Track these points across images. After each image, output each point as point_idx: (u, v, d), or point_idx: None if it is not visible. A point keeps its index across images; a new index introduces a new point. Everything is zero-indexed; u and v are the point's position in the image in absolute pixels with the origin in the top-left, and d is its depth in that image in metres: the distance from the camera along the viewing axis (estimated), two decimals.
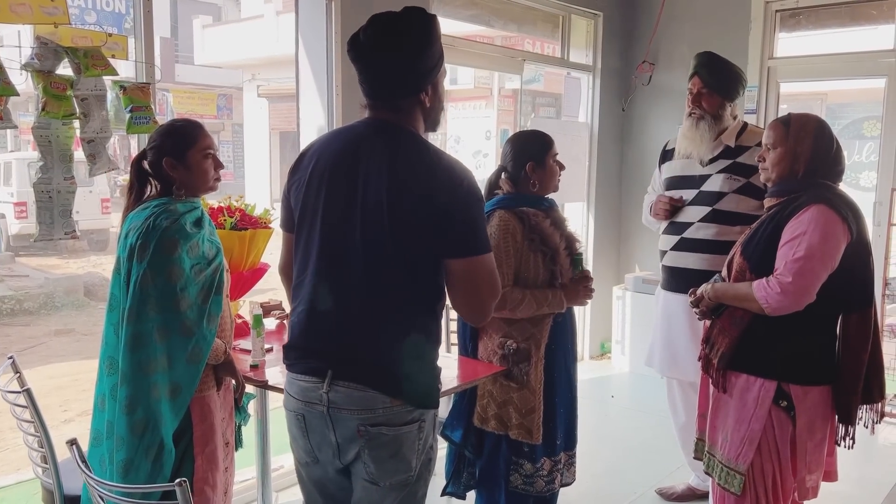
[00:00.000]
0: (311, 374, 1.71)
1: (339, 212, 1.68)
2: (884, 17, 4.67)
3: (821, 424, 2.26)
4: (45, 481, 2.26)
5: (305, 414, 1.74)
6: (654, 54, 5.37)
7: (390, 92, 1.71)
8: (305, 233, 1.74)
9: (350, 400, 1.67)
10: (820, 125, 2.29)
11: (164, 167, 2.11)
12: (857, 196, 2.30)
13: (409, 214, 1.63)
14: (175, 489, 1.55)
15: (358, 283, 1.66)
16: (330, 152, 1.73)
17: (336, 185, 1.69)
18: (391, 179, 1.63)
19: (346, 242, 1.67)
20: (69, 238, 2.63)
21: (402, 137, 1.69)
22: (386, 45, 1.66)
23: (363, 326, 1.67)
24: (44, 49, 2.47)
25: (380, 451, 1.69)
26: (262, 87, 16.06)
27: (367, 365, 1.67)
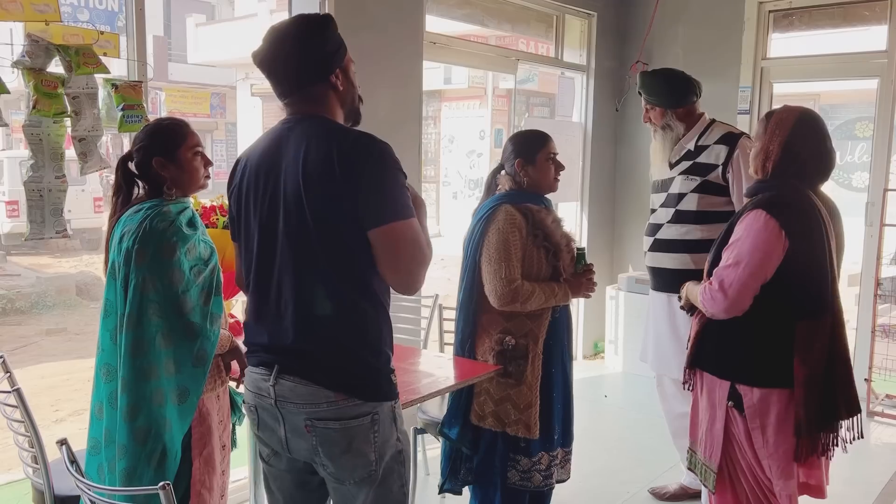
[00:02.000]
0: (261, 366, 1.74)
1: (266, 210, 1.70)
2: (876, 19, 4.69)
3: (780, 430, 2.14)
4: (36, 481, 2.24)
5: (257, 406, 1.76)
6: (648, 54, 5.38)
7: (298, 81, 1.72)
8: (245, 237, 1.77)
9: (295, 394, 1.67)
10: (800, 121, 2.16)
11: (154, 167, 2.08)
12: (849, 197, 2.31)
13: (324, 195, 1.62)
14: (159, 492, 1.53)
15: (290, 277, 1.67)
16: (255, 157, 1.76)
17: (260, 185, 1.72)
18: (304, 164, 1.64)
19: (275, 239, 1.69)
20: (60, 237, 2.62)
21: (313, 123, 1.70)
22: (282, 39, 1.70)
23: (300, 320, 1.67)
24: (35, 47, 2.46)
25: (331, 448, 1.68)
26: (255, 86, 16.01)
27: (307, 359, 1.67)
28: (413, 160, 3.95)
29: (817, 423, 2.10)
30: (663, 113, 3.19)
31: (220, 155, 18.67)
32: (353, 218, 1.63)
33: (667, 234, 3.17)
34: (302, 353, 1.68)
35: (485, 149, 13.73)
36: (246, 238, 1.77)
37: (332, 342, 1.67)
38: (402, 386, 2.34)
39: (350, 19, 3.54)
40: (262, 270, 1.72)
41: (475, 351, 2.61)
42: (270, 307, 1.71)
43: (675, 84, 3.19)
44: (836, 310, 2.12)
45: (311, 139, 1.67)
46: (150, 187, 2.12)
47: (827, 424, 2.12)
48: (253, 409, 1.78)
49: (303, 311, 1.67)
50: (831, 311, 2.11)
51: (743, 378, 2.18)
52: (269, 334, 1.72)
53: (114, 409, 2.00)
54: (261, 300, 1.74)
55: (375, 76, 3.71)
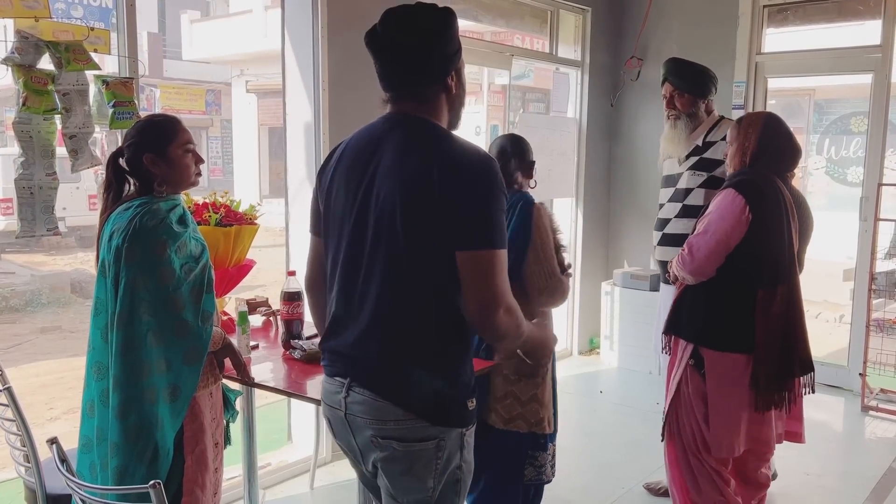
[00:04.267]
0: (335, 376, 1.67)
1: (357, 212, 1.60)
2: (870, 13, 4.69)
3: (732, 389, 2.43)
4: (28, 480, 2.23)
5: (330, 417, 1.71)
6: (643, 50, 5.37)
7: (415, 80, 1.61)
8: (334, 237, 1.67)
9: (364, 408, 1.60)
10: (768, 121, 2.50)
11: (145, 163, 2.06)
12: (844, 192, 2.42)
13: (420, 205, 1.52)
14: (149, 491, 1.52)
15: (375, 286, 1.58)
16: (350, 152, 1.68)
17: (352, 185, 1.62)
18: (403, 172, 1.54)
19: (363, 244, 1.59)
20: (51, 234, 2.60)
21: (417, 127, 1.61)
22: (407, 32, 1.58)
23: (378, 332, 1.59)
24: (24, 43, 2.44)
25: (392, 466, 1.62)
26: (250, 83, 15.99)
27: (380, 373, 1.60)
28: None
29: (775, 379, 2.39)
30: (693, 101, 3.20)
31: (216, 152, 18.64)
32: (446, 235, 1.52)
33: (674, 228, 3.21)
34: (376, 367, 1.60)
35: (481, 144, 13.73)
36: (331, 237, 1.68)
37: (407, 359, 1.58)
38: None
39: (343, 15, 3.52)
40: (348, 274, 1.63)
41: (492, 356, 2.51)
42: (351, 314, 1.62)
43: (706, 75, 3.26)
44: (792, 282, 2.40)
45: (414, 143, 1.58)
46: (140, 184, 2.10)
47: (783, 381, 2.40)
48: (328, 420, 1.74)
49: (382, 322, 1.58)
50: (787, 283, 2.38)
51: (704, 341, 2.47)
52: (346, 343, 1.64)
53: (105, 407, 1.99)
54: (342, 306, 1.65)
55: (369, 72, 3.67)
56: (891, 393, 4.56)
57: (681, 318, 2.56)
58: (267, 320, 3.02)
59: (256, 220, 2.84)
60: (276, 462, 3.59)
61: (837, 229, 6.50)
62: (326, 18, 3.45)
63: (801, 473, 3.57)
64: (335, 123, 3.54)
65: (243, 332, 2.51)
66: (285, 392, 2.37)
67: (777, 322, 2.36)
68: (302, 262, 3.58)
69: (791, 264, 2.39)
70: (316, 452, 3.47)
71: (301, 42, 3.51)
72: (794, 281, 2.39)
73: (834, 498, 3.40)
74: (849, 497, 3.38)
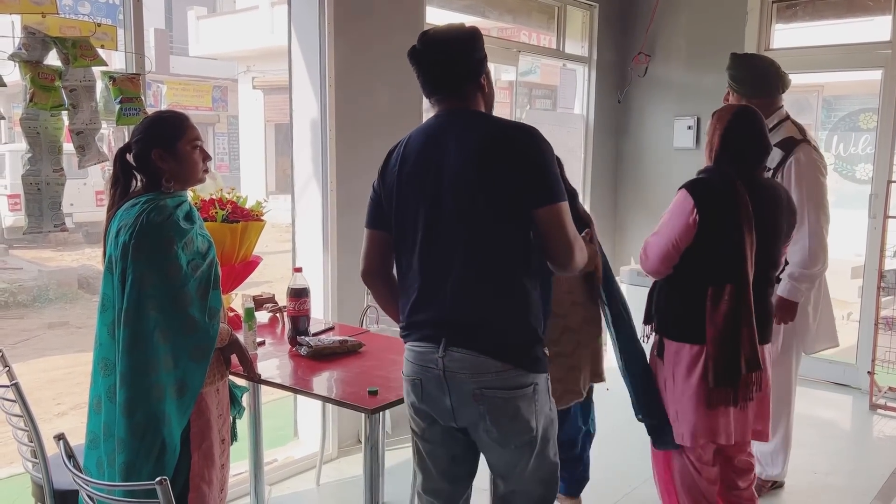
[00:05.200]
0: (426, 340, 1.87)
1: (434, 194, 1.83)
2: (880, 9, 4.65)
3: (687, 380, 2.49)
4: (35, 476, 2.24)
5: (422, 378, 1.88)
6: (651, 46, 5.35)
7: (457, 80, 1.89)
8: (408, 225, 1.89)
9: (464, 365, 1.81)
10: (733, 117, 2.48)
11: (153, 159, 2.06)
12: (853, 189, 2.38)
13: (495, 176, 1.78)
14: (156, 488, 1.52)
15: (462, 256, 1.82)
16: (415, 147, 1.90)
17: (425, 172, 1.85)
18: (473, 151, 1.80)
19: (444, 221, 1.83)
20: (59, 230, 2.60)
21: (472, 115, 1.90)
22: (448, 45, 1.90)
23: (471, 296, 1.82)
24: (31, 39, 2.44)
25: (499, 415, 1.83)
26: (256, 79, 15.99)
27: (476, 332, 1.82)
28: None
29: (724, 375, 2.42)
30: (738, 99, 3.11)
31: (223, 148, 18.65)
32: (520, 198, 1.78)
33: None
34: (471, 327, 1.82)
35: None
36: (409, 225, 1.88)
37: (500, 316, 1.82)
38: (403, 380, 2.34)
39: (350, 11, 3.52)
40: (429, 251, 1.85)
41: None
42: (438, 285, 1.84)
43: (757, 73, 3.14)
44: (742, 281, 2.39)
45: (477, 125, 1.86)
46: (147, 180, 2.10)
47: (731, 378, 2.42)
48: (417, 383, 1.90)
49: (474, 287, 1.82)
50: (735, 281, 2.39)
51: (664, 332, 2.57)
52: (437, 310, 1.85)
53: (112, 403, 1.99)
54: (427, 279, 1.86)
55: (376, 68, 3.69)
56: None
57: (650, 309, 2.66)
58: (273, 317, 3.02)
59: (263, 216, 2.83)
60: (283, 458, 3.60)
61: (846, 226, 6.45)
62: (333, 14, 3.44)
63: (809, 472, 3.55)
64: (341, 120, 3.54)
65: (250, 328, 2.51)
66: (292, 388, 2.38)
67: (724, 319, 2.40)
68: (308, 259, 3.60)
69: (740, 264, 2.38)
70: (322, 449, 3.47)
71: (308, 38, 3.51)
72: (743, 280, 2.38)
73: (842, 496, 3.38)
74: (857, 496, 3.36)
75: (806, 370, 4.87)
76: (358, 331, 2.96)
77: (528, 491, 1.96)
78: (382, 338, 2.90)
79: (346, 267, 3.61)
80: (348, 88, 3.56)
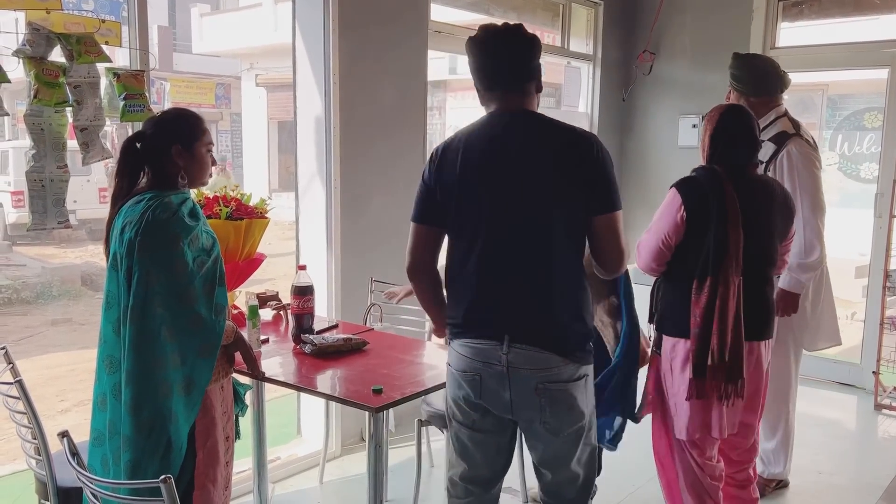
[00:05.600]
0: (487, 338, 1.90)
1: (504, 195, 1.87)
2: (888, 7, 4.63)
3: (681, 373, 2.51)
4: (39, 473, 2.23)
5: (483, 374, 1.92)
6: (656, 44, 5.33)
7: (524, 77, 1.94)
8: (470, 223, 1.90)
9: (528, 360, 1.88)
10: (721, 116, 2.54)
11: (172, 153, 2.06)
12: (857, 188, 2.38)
13: (568, 183, 1.86)
14: (160, 486, 1.52)
15: (530, 257, 1.87)
16: (479, 145, 1.91)
17: (494, 171, 1.88)
18: (546, 155, 1.87)
19: (510, 219, 1.87)
20: (62, 227, 2.60)
21: (538, 118, 1.94)
22: (517, 41, 1.93)
23: (536, 295, 1.88)
24: (35, 35, 2.43)
25: (559, 406, 1.91)
26: (260, 76, 15.99)
27: (541, 329, 1.89)
28: (418, 150, 3.92)
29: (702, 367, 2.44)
30: (738, 98, 3.20)
31: (225, 145, 18.65)
32: (583, 203, 1.87)
33: None
34: (536, 325, 1.89)
35: None
36: (466, 221, 1.91)
37: (563, 314, 1.90)
38: (407, 378, 2.33)
39: (356, 8, 3.51)
40: (495, 250, 1.89)
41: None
42: (503, 284, 1.89)
43: (758, 73, 3.21)
44: (724, 276, 2.41)
45: (546, 129, 1.91)
46: (155, 172, 2.08)
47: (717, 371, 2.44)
48: (476, 378, 1.93)
49: (541, 286, 1.88)
50: (717, 276, 2.42)
51: (661, 327, 2.64)
52: (501, 309, 1.90)
53: (118, 400, 1.99)
54: (489, 278, 1.90)
55: (381, 66, 3.67)
56: None
57: (652, 307, 2.73)
58: (277, 314, 3.02)
59: (267, 213, 2.83)
60: (286, 456, 3.59)
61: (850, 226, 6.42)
62: (338, 11, 3.43)
63: (814, 472, 3.54)
64: (346, 117, 3.53)
65: (254, 326, 2.51)
66: (296, 387, 2.37)
67: (703, 311, 2.44)
68: (312, 257, 3.59)
69: (721, 258, 2.41)
70: (325, 447, 3.46)
71: (312, 35, 3.50)
72: (722, 273, 2.41)
73: (847, 497, 3.37)
74: (862, 496, 3.35)
75: (811, 370, 4.86)
76: (362, 329, 2.95)
77: (576, 476, 2.05)
78: (386, 336, 2.89)
79: (350, 265, 3.60)
80: (353, 86, 3.55)
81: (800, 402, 3.35)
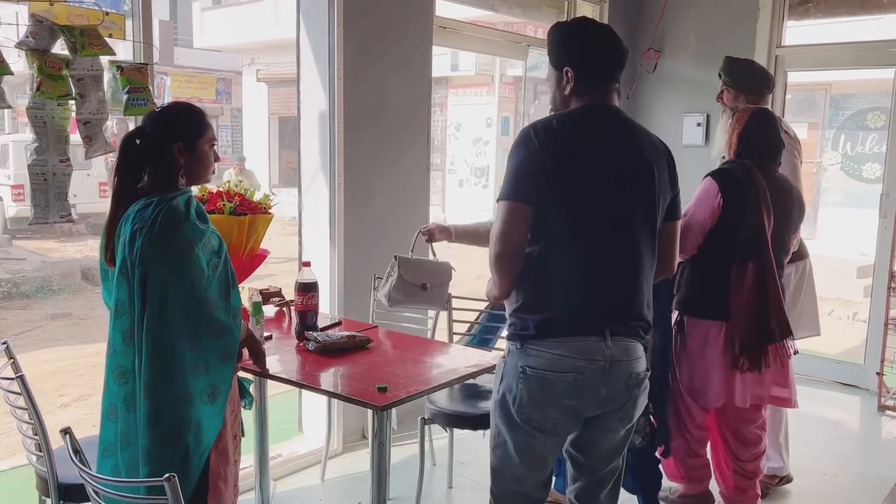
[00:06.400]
0: (591, 334, 1.87)
1: (631, 189, 1.92)
2: (894, 7, 4.60)
3: (705, 351, 2.73)
4: (40, 469, 2.22)
5: (585, 371, 1.87)
6: (660, 42, 5.30)
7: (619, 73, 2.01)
8: (588, 213, 1.88)
9: (625, 352, 1.91)
10: (750, 118, 2.78)
11: (174, 152, 2.00)
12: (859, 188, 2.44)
13: (660, 185, 1.95)
14: (164, 484, 1.49)
15: (633, 252, 1.92)
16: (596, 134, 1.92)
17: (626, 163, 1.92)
18: (655, 157, 1.95)
19: (633, 216, 1.92)
20: (65, 221, 2.57)
21: (631, 119, 2.02)
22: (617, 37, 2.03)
23: (636, 289, 1.93)
24: (39, 27, 2.40)
25: (642, 394, 1.98)
26: (261, 72, 15.96)
27: (636, 322, 1.93)
28: (422, 147, 3.89)
29: (753, 343, 2.65)
30: (736, 96, 3.37)
31: (226, 141, 18.62)
32: (669, 209, 2.01)
33: None
34: (631, 317, 1.92)
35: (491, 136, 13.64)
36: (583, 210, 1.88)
37: (646, 307, 1.97)
38: (412, 376, 2.31)
39: (360, 3, 3.48)
40: (611, 245, 1.90)
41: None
42: (605, 277, 1.90)
43: (750, 73, 3.43)
44: (764, 259, 2.64)
45: (643, 131, 2.00)
46: (156, 171, 2.02)
47: (761, 345, 2.66)
48: (578, 378, 1.87)
49: (638, 281, 1.94)
50: (758, 260, 2.63)
51: (686, 310, 2.81)
52: (605, 304, 1.90)
53: (130, 412, 1.95)
54: (592, 270, 1.89)
55: (385, 61, 3.65)
56: None
57: (675, 290, 2.87)
58: (280, 311, 3.00)
59: (271, 209, 2.80)
60: (287, 453, 3.58)
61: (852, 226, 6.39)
62: (342, 6, 3.40)
63: (818, 473, 3.53)
64: (350, 112, 3.51)
65: (257, 322, 2.49)
66: (300, 384, 2.35)
67: (749, 294, 2.64)
68: (315, 253, 3.56)
69: (761, 244, 2.64)
70: (327, 444, 3.45)
71: (317, 30, 3.47)
72: (765, 258, 2.64)
73: (851, 498, 3.36)
74: (865, 498, 3.34)
75: (814, 371, 4.85)
76: (366, 326, 2.93)
77: (620, 464, 2.11)
78: (391, 333, 2.88)
79: (354, 261, 3.58)
80: (357, 81, 3.52)
81: (803, 402, 3.33)
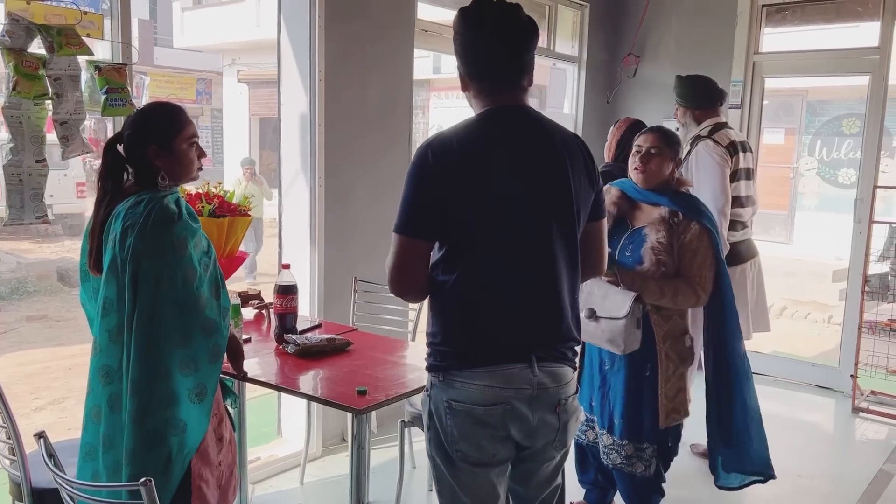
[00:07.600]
0: (517, 360, 1.71)
1: (538, 203, 1.70)
2: (869, 15, 4.68)
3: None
4: (13, 473, 2.18)
5: (513, 401, 1.70)
6: (641, 47, 5.35)
7: (529, 68, 1.75)
8: (494, 235, 1.68)
9: (552, 378, 1.75)
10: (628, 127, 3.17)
11: (148, 155, 1.97)
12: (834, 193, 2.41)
13: (579, 184, 1.74)
14: (140, 489, 1.48)
15: (558, 270, 1.73)
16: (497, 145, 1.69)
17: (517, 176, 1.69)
18: (563, 156, 1.72)
19: (547, 231, 1.71)
20: (40, 222, 2.54)
21: (541, 115, 1.79)
22: (530, 24, 1.74)
23: (564, 310, 1.76)
24: (15, 26, 2.38)
25: (572, 418, 1.82)
26: (241, 72, 15.84)
27: (561, 343, 1.77)
28: (403, 150, 3.89)
29: None
30: (684, 111, 3.67)
31: (206, 141, 18.47)
32: (592, 210, 1.81)
33: None
34: (561, 340, 1.76)
35: None
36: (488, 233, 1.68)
37: (573, 325, 1.79)
38: (391, 379, 2.31)
39: (342, 5, 3.47)
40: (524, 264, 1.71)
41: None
42: (524, 300, 1.71)
43: (697, 88, 3.65)
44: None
45: (556, 133, 1.76)
46: (138, 174, 2.01)
47: None
48: (507, 409, 1.70)
49: (562, 298, 1.75)
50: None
51: None
52: (530, 327, 1.73)
53: (114, 413, 1.92)
54: (508, 294, 1.70)
55: (366, 63, 3.65)
56: (881, 395, 4.57)
57: None
58: (259, 313, 2.98)
59: (249, 211, 2.79)
60: (266, 457, 3.55)
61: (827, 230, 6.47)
62: (324, 7, 3.39)
63: (794, 475, 3.56)
64: (331, 114, 3.50)
65: (236, 325, 2.48)
66: (279, 387, 2.34)
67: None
68: (295, 255, 3.54)
69: None
70: (306, 447, 3.43)
71: (298, 31, 3.46)
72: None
73: (826, 500, 3.40)
74: (840, 499, 3.38)
75: (789, 373, 4.92)
76: (345, 329, 2.92)
77: (560, 481, 1.94)
78: (370, 336, 2.87)
79: (334, 263, 3.57)
80: (338, 82, 3.52)
81: (778, 405, 3.39)
